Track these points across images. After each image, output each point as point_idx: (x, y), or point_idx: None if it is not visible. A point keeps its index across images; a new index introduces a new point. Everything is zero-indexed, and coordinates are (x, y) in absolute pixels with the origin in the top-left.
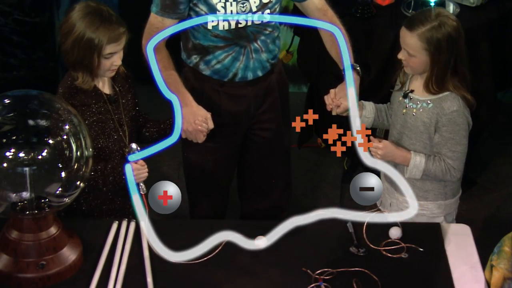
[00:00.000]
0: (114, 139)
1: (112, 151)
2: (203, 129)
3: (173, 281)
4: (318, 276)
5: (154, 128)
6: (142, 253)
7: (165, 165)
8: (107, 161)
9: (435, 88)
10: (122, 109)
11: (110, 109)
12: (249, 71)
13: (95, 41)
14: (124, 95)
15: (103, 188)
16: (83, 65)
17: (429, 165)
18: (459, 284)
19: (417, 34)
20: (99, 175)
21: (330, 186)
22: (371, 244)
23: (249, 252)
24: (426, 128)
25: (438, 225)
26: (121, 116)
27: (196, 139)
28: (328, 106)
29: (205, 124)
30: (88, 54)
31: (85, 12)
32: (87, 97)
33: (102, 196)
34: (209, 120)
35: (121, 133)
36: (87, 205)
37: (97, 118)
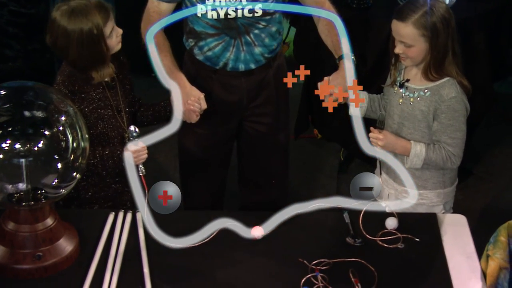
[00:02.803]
0: (113, 125)
1: (110, 137)
2: (195, 109)
3: (170, 271)
4: (314, 267)
5: (149, 112)
6: (139, 244)
7: (162, 156)
8: (105, 145)
9: (433, 74)
10: (120, 95)
11: (108, 95)
12: (240, 62)
13: (94, 31)
14: (121, 81)
15: (102, 172)
16: (94, 62)
17: (430, 154)
18: (455, 274)
19: (411, 23)
20: (98, 160)
21: (326, 177)
22: (368, 235)
23: (245, 242)
24: (424, 117)
25: (434, 215)
26: (119, 102)
27: (189, 119)
28: None
29: (197, 104)
30: (95, 48)
31: (66, 14)
32: (86, 84)
33: (101, 182)
34: (202, 101)
35: (119, 118)
36: (85, 193)
37: (96, 105)
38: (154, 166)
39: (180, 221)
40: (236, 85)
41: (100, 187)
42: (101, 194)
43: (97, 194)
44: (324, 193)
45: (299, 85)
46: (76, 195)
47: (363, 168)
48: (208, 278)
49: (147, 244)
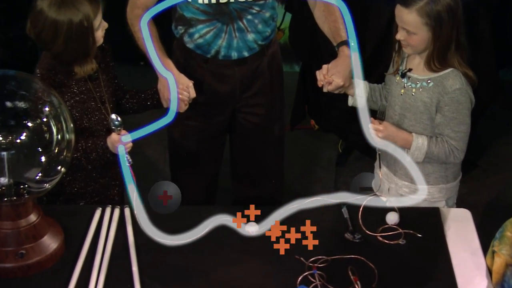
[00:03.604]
0: (97, 118)
1: (96, 130)
2: (184, 98)
3: (160, 270)
4: (311, 264)
5: (134, 99)
6: (127, 241)
7: (151, 149)
8: (87, 137)
9: (436, 65)
10: (103, 86)
11: (91, 87)
12: (233, 50)
13: (85, 23)
14: (104, 71)
15: (87, 166)
16: (79, 55)
17: (432, 147)
18: (459, 271)
19: (415, 10)
20: (81, 153)
21: (324, 170)
22: (367, 230)
23: (240, 239)
24: (426, 109)
25: (437, 209)
26: (103, 94)
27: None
28: (319, 82)
29: (186, 93)
30: (83, 40)
31: (55, 4)
32: (67, 77)
33: (87, 176)
34: (190, 89)
35: (103, 110)
36: (70, 188)
37: (79, 99)
38: (143, 160)
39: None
40: (228, 74)
41: (86, 182)
42: (87, 189)
43: (83, 189)
44: (321, 187)
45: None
46: (61, 190)
47: (362, 160)
48: (200, 277)
49: (136, 241)
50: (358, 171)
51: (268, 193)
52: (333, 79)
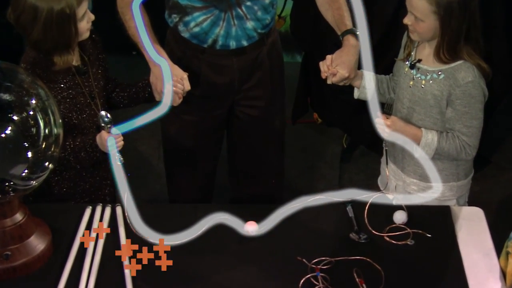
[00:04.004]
0: (87, 114)
1: (85, 127)
2: (178, 91)
3: (154, 272)
4: (314, 266)
5: (125, 93)
6: (119, 242)
7: (144, 144)
8: (75, 135)
9: (446, 56)
10: (93, 80)
11: (79, 82)
12: (231, 39)
13: (67, 11)
14: (93, 64)
15: (76, 166)
16: (59, 45)
17: (442, 143)
18: (471, 273)
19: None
20: (69, 152)
21: (327, 166)
22: (373, 230)
23: (238, 239)
24: (437, 102)
25: (447, 208)
26: (92, 88)
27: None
28: (323, 74)
29: (180, 85)
30: (63, 29)
31: None
32: (54, 72)
33: (76, 176)
34: (185, 81)
35: (93, 106)
36: (59, 188)
37: (66, 94)
38: (136, 156)
39: (165, 216)
40: (226, 65)
41: (75, 182)
42: (77, 189)
43: (72, 190)
44: (325, 184)
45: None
46: (48, 191)
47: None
48: (196, 280)
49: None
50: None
51: (268, 191)
52: (337, 70)
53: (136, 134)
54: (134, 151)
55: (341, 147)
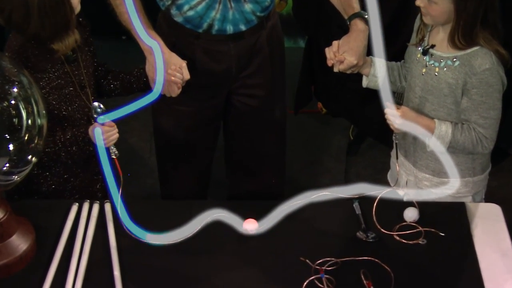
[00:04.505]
0: (77, 105)
1: (76, 119)
2: (177, 80)
3: (146, 275)
4: (318, 267)
5: (117, 81)
6: (108, 241)
7: (134, 136)
8: (66, 129)
9: (462, 42)
10: (82, 68)
11: (68, 70)
12: (228, 23)
13: None
14: (82, 50)
15: (67, 161)
16: (59, 29)
17: (457, 135)
18: (488, 275)
19: None
20: (60, 147)
21: (333, 160)
22: (382, 228)
23: (236, 239)
24: (451, 91)
25: (462, 205)
26: (82, 77)
27: (169, 93)
28: (329, 61)
29: (179, 74)
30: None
31: None
32: (42, 60)
33: (66, 171)
34: (184, 70)
35: (83, 96)
36: (47, 185)
37: (56, 84)
38: (126, 149)
39: (158, 213)
40: (223, 51)
41: (65, 178)
42: (67, 185)
43: (62, 186)
44: (330, 179)
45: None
46: (35, 188)
47: (376, 149)
48: (191, 282)
49: (118, 240)
50: (372, 161)
51: (268, 187)
52: (345, 57)
53: (126, 125)
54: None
55: (348, 139)
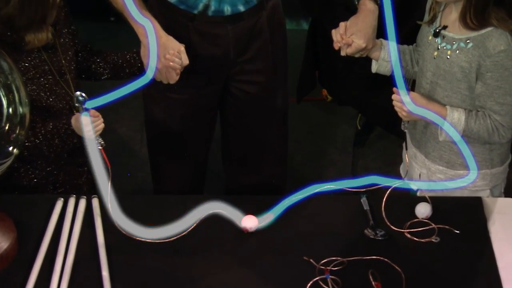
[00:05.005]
0: (57, 94)
1: (57, 109)
2: (175, 66)
3: (137, 275)
4: (323, 267)
5: (108, 64)
6: (96, 239)
7: (124, 125)
8: (46, 120)
9: (474, 22)
10: (61, 53)
11: (46, 58)
12: (226, 3)
13: None
14: (60, 34)
15: (50, 154)
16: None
17: (471, 123)
18: (507, 275)
19: None
20: (41, 140)
21: (338, 152)
22: (392, 225)
23: (235, 236)
24: (464, 76)
25: (479, 200)
26: (61, 64)
27: (167, 79)
28: (336, 44)
29: (178, 60)
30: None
31: None
32: (16, 49)
33: (49, 164)
34: (182, 54)
35: (63, 84)
36: (28, 180)
37: (32, 74)
38: (114, 140)
39: (150, 208)
40: (220, 34)
41: (48, 171)
42: (50, 179)
43: (44, 180)
44: (336, 172)
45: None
46: (15, 183)
47: (386, 140)
48: (186, 282)
49: (107, 238)
50: (381, 152)
51: (269, 181)
52: (352, 39)
53: (115, 114)
54: (112, 134)
55: (355, 129)
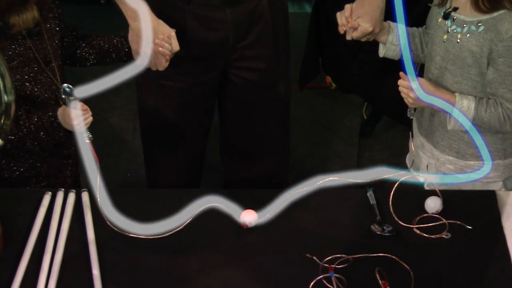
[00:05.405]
0: (42, 83)
1: (42, 100)
2: (165, 52)
3: (129, 274)
4: (327, 265)
5: (93, 49)
6: (86, 235)
7: (116, 115)
8: (30, 112)
9: (486, 4)
10: (47, 39)
11: (31, 45)
12: None
13: None
14: (46, 19)
15: (34, 148)
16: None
17: (481, 112)
18: None
19: None
20: (26, 133)
21: (343, 143)
22: (400, 221)
23: (233, 232)
24: (475, 61)
25: (492, 193)
26: (47, 52)
27: (156, 66)
28: (341, 28)
29: (167, 45)
30: None
31: None
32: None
33: (32, 156)
34: (173, 39)
35: (49, 73)
36: (10, 172)
37: (17, 63)
38: (105, 130)
39: (143, 203)
40: (218, 18)
41: (31, 163)
42: (33, 171)
43: (27, 173)
44: (341, 164)
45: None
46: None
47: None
48: (181, 281)
49: (97, 234)
50: (388, 143)
51: (270, 174)
52: (359, 23)
53: (106, 102)
54: (103, 124)
55: (361, 118)
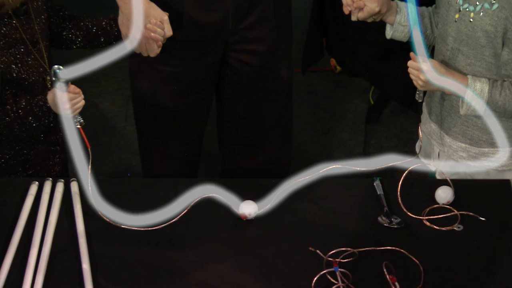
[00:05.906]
0: (29, 65)
1: (30, 83)
2: (157, 37)
3: (121, 268)
4: (331, 259)
5: (80, 31)
6: (75, 228)
7: (107, 100)
8: (17, 96)
9: None
10: (34, 18)
11: (18, 25)
12: None
13: None
14: None
15: (21, 134)
16: None
17: (495, 95)
18: None
19: None
20: (13, 118)
21: (349, 129)
22: (409, 212)
23: (232, 223)
24: (489, 41)
25: (507, 183)
26: (34, 30)
27: (147, 51)
28: (346, 8)
29: (160, 30)
30: None
31: None
32: None
33: (18, 143)
34: (166, 24)
35: (36, 54)
36: None
37: (3, 44)
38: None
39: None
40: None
41: (16, 150)
42: (19, 159)
43: (13, 160)
44: (346, 151)
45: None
46: None
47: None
48: (177, 275)
49: (88, 226)
50: (396, 130)
51: (272, 163)
52: (365, 3)
53: (97, 87)
54: (94, 110)
55: (367, 103)
